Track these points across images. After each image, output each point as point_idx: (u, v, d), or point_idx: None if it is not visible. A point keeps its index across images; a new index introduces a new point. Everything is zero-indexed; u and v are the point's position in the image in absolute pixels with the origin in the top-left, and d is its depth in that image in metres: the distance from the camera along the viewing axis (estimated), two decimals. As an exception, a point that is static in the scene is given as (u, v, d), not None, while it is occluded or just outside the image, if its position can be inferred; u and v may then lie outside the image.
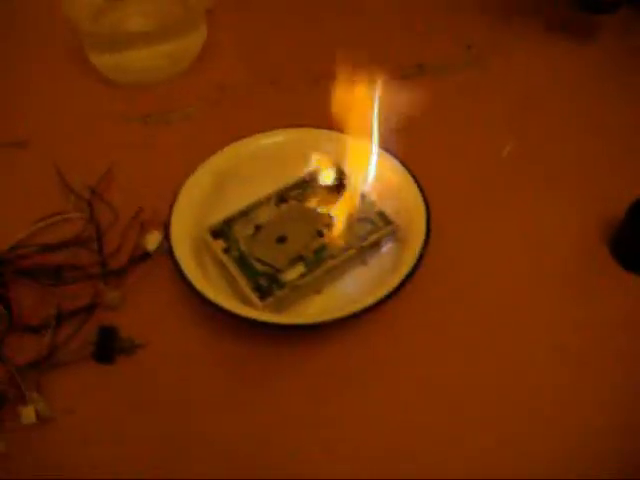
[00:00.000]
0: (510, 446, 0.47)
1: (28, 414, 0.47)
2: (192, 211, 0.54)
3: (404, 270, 0.50)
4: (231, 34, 0.74)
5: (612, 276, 0.55)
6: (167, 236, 0.52)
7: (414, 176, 0.55)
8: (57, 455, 0.47)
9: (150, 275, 0.55)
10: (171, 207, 0.54)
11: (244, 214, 0.54)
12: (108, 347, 0.51)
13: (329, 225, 0.53)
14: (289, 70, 0.71)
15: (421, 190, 0.54)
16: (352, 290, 0.53)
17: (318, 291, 0.52)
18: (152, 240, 0.56)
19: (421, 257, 0.50)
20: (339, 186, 0.56)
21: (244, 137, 0.59)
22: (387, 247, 0.54)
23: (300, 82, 0.70)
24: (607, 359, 0.51)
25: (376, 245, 0.53)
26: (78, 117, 0.68)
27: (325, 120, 0.58)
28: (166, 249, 0.53)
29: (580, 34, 0.73)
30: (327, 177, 0.56)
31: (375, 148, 0.56)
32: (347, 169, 0.56)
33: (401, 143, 0.57)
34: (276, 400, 0.49)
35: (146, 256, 0.55)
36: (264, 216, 0.54)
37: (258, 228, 0.54)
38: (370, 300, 0.48)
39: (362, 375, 0.50)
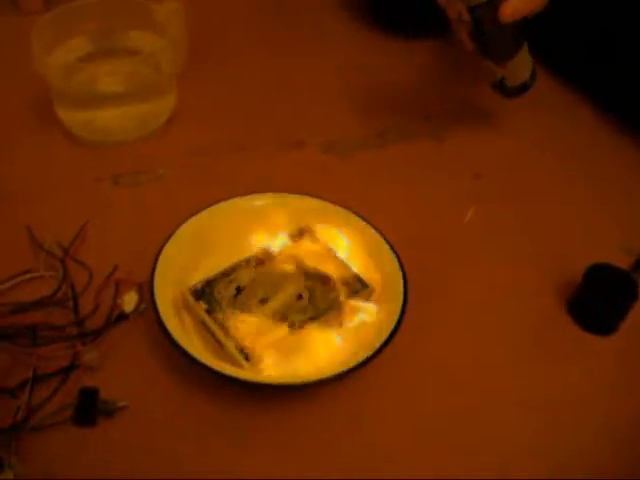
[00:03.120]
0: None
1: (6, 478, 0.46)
2: (172, 271, 0.55)
3: (385, 333, 0.52)
4: (200, 99, 0.76)
5: (570, 336, 0.59)
6: (148, 296, 0.53)
7: (388, 242, 0.57)
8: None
9: (128, 335, 0.55)
10: (153, 268, 0.54)
11: (225, 275, 0.55)
12: (89, 410, 0.50)
13: (307, 287, 0.55)
14: (256, 136, 0.73)
15: (396, 254, 0.56)
16: (333, 353, 0.54)
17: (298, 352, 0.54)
18: (129, 301, 0.56)
19: (400, 321, 0.53)
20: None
21: (218, 200, 0.60)
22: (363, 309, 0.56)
23: (267, 148, 0.72)
24: (567, 413, 0.54)
25: (354, 308, 0.55)
26: (48, 176, 0.68)
27: (291, 186, 0.62)
28: (142, 310, 0.54)
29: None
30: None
31: (348, 213, 0.58)
32: (321, 232, 0.59)
33: (372, 209, 0.60)
34: (263, 460, 0.50)
35: (123, 316, 0.56)
36: (245, 278, 0.56)
37: (239, 289, 0.55)
38: (352, 362, 0.49)
39: (340, 434, 0.52)
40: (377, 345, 0.51)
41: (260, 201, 0.60)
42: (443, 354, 0.57)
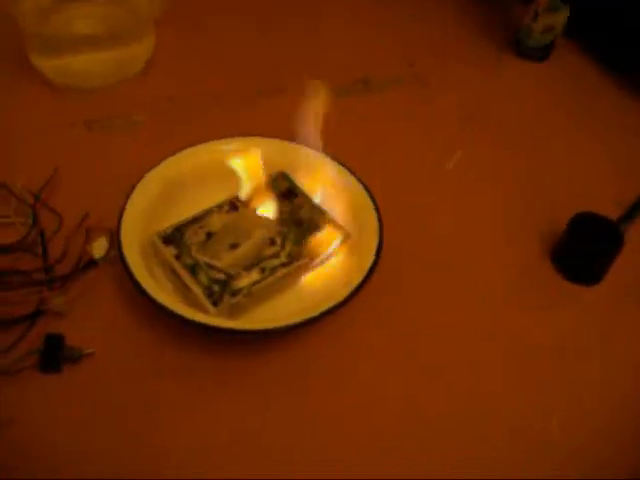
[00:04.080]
0: (448, 452, 0.48)
1: (-32, 424, 0.45)
2: (141, 218, 0.53)
3: (355, 281, 0.50)
4: (177, 47, 0.74)
5: (554, 286, 0.57)
6: (116, 242, 0.51)
7: (365, 185, 0.56)
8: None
9: (97, 282, 0.54)
10: (120, 213, 0.53)
11: (195, 221, 0.54)
12: (55, 356, 0.49)
13: (280, 233, 0.53)
14: (234, 83, 0.71)
15: (372, 198, 0.55)
16: (305, 298, 0.53)
17: (270, 298, 0.52)
18: (98, 247, 0.55)
19: (373, 267, 0.51)
20: (290, 194, 0.56)
21: (192, 145, 0.59)
22: (338, 255, 0.54)
23: (246, 96, 0.70)
24: (548, 364, 0.53)
25: (329, 253, 0.54)
26: (20, 121, 0.66)
27: (269, 132, 0.60)
28: (113, 257, 0.53)
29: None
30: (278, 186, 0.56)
31: (325, 157, 0.57)
32: (297, 178, 0.57)
33: (351, 155, 0.58)
34: (228, 407, 0.49)
35: (93, 263, 0.54)
36: (216, 223, 0.54)
37: (210, 235, 0.53)
38: (319, 309, 0.48)
39: (308, 382, 0.51)
40: (347, 292, 0.49)
41: (233, 145, 0.58)
42: (423, 301, 0.56)
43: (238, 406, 0.49)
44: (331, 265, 0.54)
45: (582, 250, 0.57)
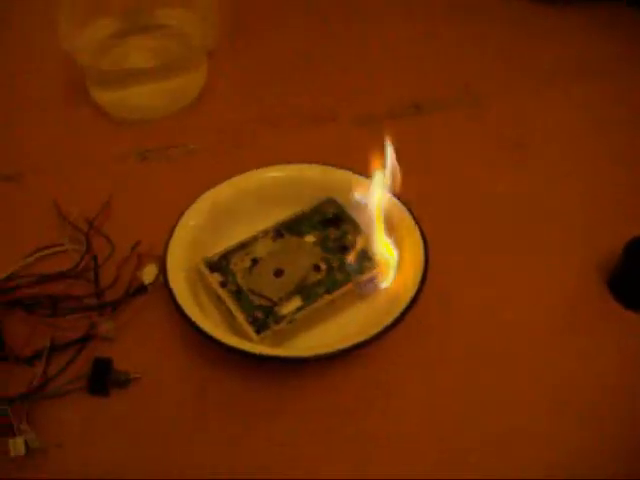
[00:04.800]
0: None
1: (17, 445, 0.46)
2: (188, 244, 0.54)
3: (398, 309, 0.49)
4: (230, 75, 0.75)
5: (612, 315, 0.55)
6: (164, 273, 0.52)
7: (412, 213, 0.55)
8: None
9: (146, 308, 0.55)
10: (167, 239, 0.54)
11: (241, 247, 0.54)
12: (102, 379, 0.50)
13: (325, 259, 0.53)
14: (287, 112, 0.71)
15: (419, 227, 0.54)
16: (349, 326, 0.52)
17: (314, 325, 0.52)
18: (149, 273, 0.56)
19: (417, 295, 0.50)
20: (336, 220, 0.56)
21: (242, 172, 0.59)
22: (385, 284, 0.54)
23: (298, 123, 0.70)
24: (600, 396, 0.51)
25: (373, 281, 0.53)
26: (77, 152, 0.68)
27: (324, 158, 0.60)
28: (161, 283, 0.53)
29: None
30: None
31: (375, 185, 0.56)
32: (343, 202, 0.57)
33: (401, 182, 0.58)
34: (273, 436, 0.49)
35: (142, 289, 0.55)
36: (261, 250, 0.54)
37: (255, 262, 0.53)
38: (361, 337, 0.48)
39: (357, 410, 0.50)
40: (390, 318, 0.49)
41: (280, 172, 0.58)
42: (472, 330, 0.54)
43: (283, 434, 0.49)
44: (377, 293, 0.53)
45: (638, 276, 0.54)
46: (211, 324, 0.49)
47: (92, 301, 0.55)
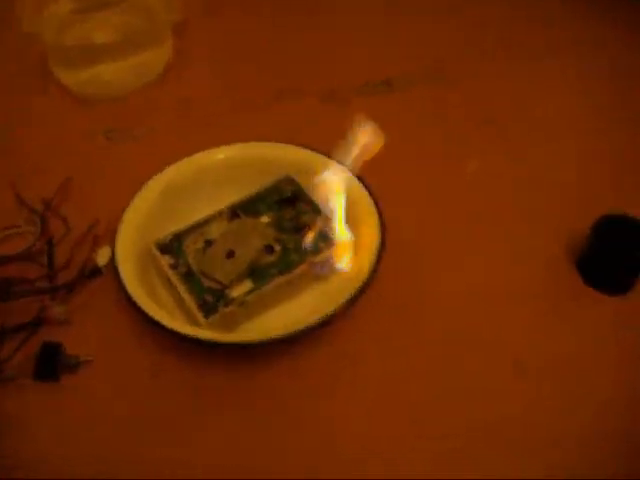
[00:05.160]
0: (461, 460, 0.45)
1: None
2: (140, 226, 0.53)
3: (353, 288, 0.48)
4: (196, 51, 0.73)
5: (579, 293, 0.53)
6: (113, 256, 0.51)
7: (372, 192, 0.53)
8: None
9: (101, 291, 0.54)
10: (117, 225, 0.52)
11: (195, 228, 0.53)
12: (51, 364, 0.49)
13: (280, 240, 0.52)
14: (255, 86, 0.70)
15: (378, 207, 0.52)
16: (305, 307, 0.51)
17: (269, 308, 0.51)
18: (103, 255, 0.54)
19: (373, 273, 0.49)
20: (294, 199, 0.54)
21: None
22: (341, 265, 0.52)
23: (266, 98, 0.69)
24: (570, 374, 0.49)
25: (329, 262, 0.51)
26: (40, 133, 0.67)
27: (289, 136, 0.58)
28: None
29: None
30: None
31: (333, 163, 0.54)
32: (302, 181, 0.55)
33: (364, 160, 0.56)
34: (222, 420, 0.48)
35: (97, 272, 0.54)
36: (216, 231, 0.53)
37: (209, 243, 0.52)
38: (314, 319, 0.46)
39: (309, 395, 0.49)
40: (345, 298, 0.47)
41: (235, 151, 0.57)
42: (430, 308, 0.53)
43: (236, 422, 0.48)
44: (331, 272, 0.52)
45: (608, 257, 0.52)
46: (159, 309, 0.48)
47: (45, 284, 0.54)
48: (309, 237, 0.52)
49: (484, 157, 0.62)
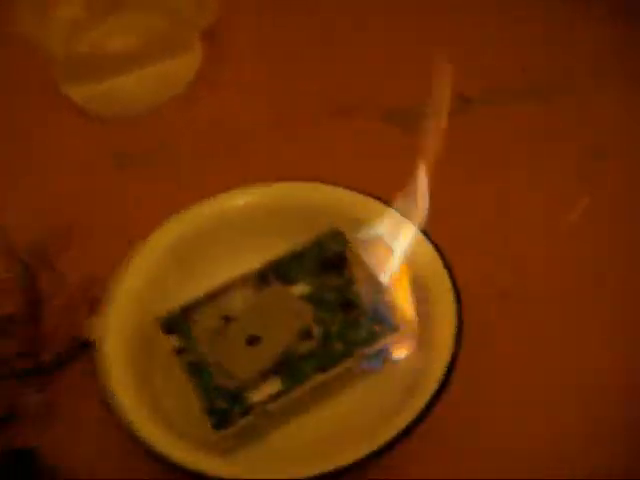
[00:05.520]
0: None
1: None
2: (142, 291, 0.41)
3: (421, 395, 0.35)
4: (229, 60, 0.60)
5: None
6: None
7: (445, 260, 0.40)
8: None
9: (91, 373, 0.42)
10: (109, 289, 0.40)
11: (210, 299, 0.40)
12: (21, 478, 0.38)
13: (320, 320, 0.39)
14: (299, 110, 0.56)
15: (453, 282, 0.39)
16: (348, 410, 0.38)
17: (299, 413, 0.38)
18: (98, 325, 0.43)
19: (447, 375, 0.35)
20: (339, 262, 0.41)
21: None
22: (401, 356, 0.39)
23: (314, 119, 0.56)
24: None
25: (384, 353, 0.38)
26: (37, 157, 0.55)
27: (338, 173, 0.45)
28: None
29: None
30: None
31: (397, 214, 0.41)
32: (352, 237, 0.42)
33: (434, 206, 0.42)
34: None
35: (86, 346, 0.42)
36: (238, 303, 0.40)
37: (228, 320, 0.39)
38: (366, 448, 0.33)
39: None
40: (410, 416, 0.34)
41: (272, 194, 0.44)
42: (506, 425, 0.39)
43: None
44: (387, 369, 0.39)
45: None
46: (158, 430, 0.35)
47: (21, 364, 0.42)
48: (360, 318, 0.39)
49: (592, 203, 0.47)
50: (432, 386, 0.35)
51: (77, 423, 0.41)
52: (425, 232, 0.40)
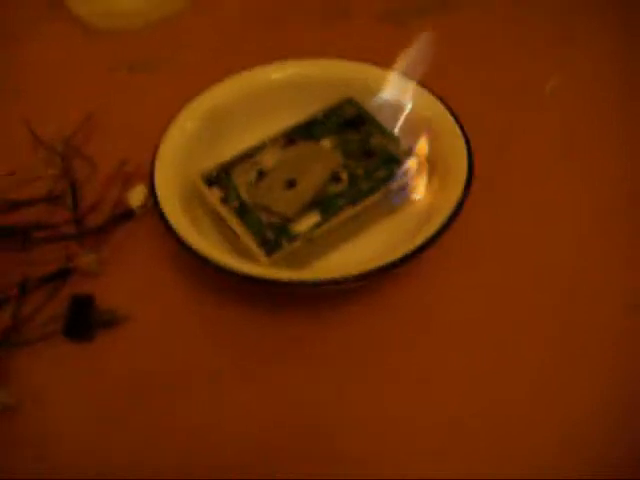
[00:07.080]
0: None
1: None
2: (181, 156, 0.45)
3: (439, 219, 0.40)
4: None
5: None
6: (152, 189, 0.43)
7: (451, 110, 0.45)
8: (25, 449, 0.38)
9: (134, 236, 0.46)
10: (155, 151, 0.44)
11: (245, 158, 0.45)
12: (83, 320, 0.42)
13: (347, 166, 0.44)
14: (296, 6, 0.61)
15: (460, 126, 0.44)
16: (378, 243, 0.43)
17: (337, 245, 0.43)
18: (136, 195, 0.47)
19: (458, 208, 0.41)
20: (357, 121, 0.46)
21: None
22: (418, 194, 0.44)
23: (315, 19, 0.60)
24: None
25: (405, 190, 0.44)
26: (54, 66, 0.58)
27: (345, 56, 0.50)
28: (152, 206, 0.44)
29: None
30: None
31: (403, 79, 0.46)
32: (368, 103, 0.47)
33: (431, 77, 0.48)
34: (285, 374, 0.40)
35: (129, 214, 0.46)
36: (269, 161, 0.45)
37: (262, 174, 0.44)
38: (390, 257, 0.38)
39: (383, 344, 0.41)
40: (430, 232, 0.39)
41: (287, 69, 0.49)
42: (520, 244, 0.45)
43: (299, 377, 0.40)
44: (410, 203, 0.44)
45: None
46: (211, 247, 0.40)
47: (70, 229, 0.46)
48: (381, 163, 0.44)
49: (564, 73, 0.54)
50: (443, 216, 0.40)
51: (124, 276, 0.44)
52: (439, 97, 0.46)
